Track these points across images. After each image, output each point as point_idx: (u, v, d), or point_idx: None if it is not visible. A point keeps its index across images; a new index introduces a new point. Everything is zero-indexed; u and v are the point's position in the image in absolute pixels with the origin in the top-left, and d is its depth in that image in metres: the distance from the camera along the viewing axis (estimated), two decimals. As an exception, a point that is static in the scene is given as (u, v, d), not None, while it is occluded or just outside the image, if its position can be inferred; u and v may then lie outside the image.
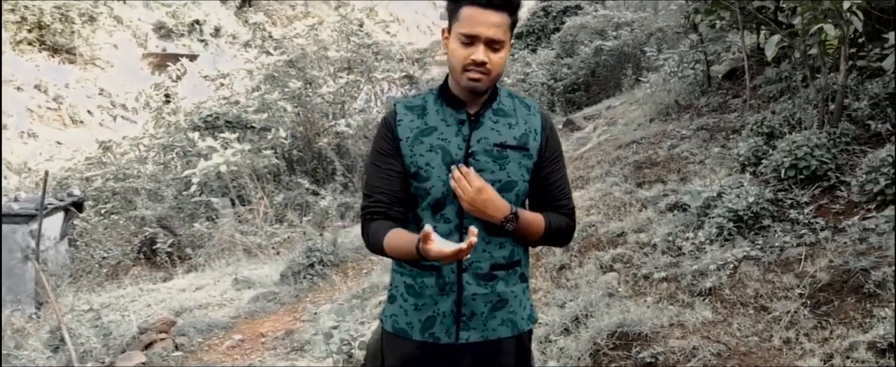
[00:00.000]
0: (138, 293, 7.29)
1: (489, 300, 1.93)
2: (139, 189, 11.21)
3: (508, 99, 1.97)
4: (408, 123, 1.90)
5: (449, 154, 1.87)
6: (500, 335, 1.96)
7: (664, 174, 6.14)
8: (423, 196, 1.89)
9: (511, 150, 1.90)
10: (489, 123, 1.90)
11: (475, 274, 1.91)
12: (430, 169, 1.87)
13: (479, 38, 1.78)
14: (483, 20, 1.78)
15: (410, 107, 1.94)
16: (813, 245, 4.02)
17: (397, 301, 1.99)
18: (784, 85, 7.08)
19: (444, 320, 1.93)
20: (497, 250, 1.91)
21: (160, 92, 12.88)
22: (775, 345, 3.22)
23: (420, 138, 1.88)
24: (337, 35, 12.46)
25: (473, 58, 1.79)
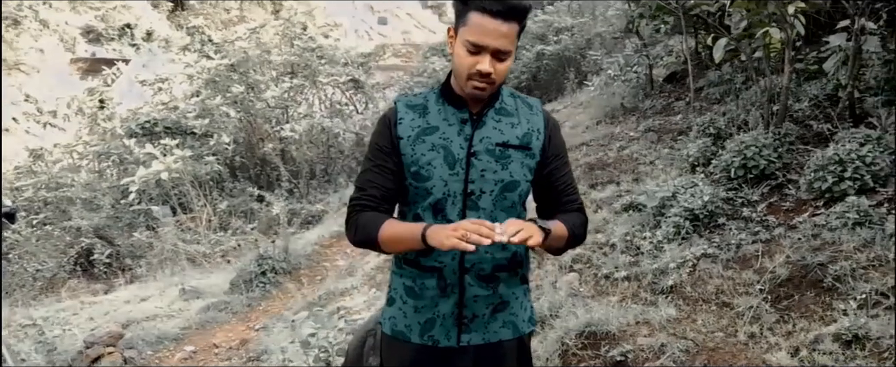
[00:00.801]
0: (79, 306, 6.99)
1: (491, 302, 1.90)
2: (74, 198, 10.79)
3: (511, 98, 1.94)
4: (409, 121, 1.87)
5: (451, 154, 1.83)
6: (502, 338, 1.93)
7: (617, 175, 6.23)
8: (424, 196, 1.85)
9: (513, 149, 1.87)
10: (491, 122, 1.87)
11: (477, 275, 1.87)
12: (432, 169, 1.83)
13: (486, 48, 1.74)
14: (492, 30, 1.73)
15: (411, 105, 1.90)
16: (768, 242, 4.13)
17: (396, 304, 1.95)
18: (726, 87, 7.28)
19: (445, 322, 1.89)
20: (499, 251, 1.88)
21: (94, 98, 12.42)
22: (741, 340, 3.28)
23: (422, 138, 1.84)
24: (280, 39, 12.27)
25: (479, 68, 1.75)
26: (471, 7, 1.75)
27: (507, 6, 1.72)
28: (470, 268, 1.86)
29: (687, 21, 7.57)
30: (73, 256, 9.76)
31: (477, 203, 1.84)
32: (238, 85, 10.79)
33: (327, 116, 11.86)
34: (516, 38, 1.78)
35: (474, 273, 1.87)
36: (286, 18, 12.62)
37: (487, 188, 1.84)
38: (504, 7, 1.72)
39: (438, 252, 1.83)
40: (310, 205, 10.16)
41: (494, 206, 1.85)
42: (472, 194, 1.84)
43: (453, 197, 1.83)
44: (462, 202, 1.83)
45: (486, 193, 1.84)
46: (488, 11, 1.72)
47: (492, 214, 1.84)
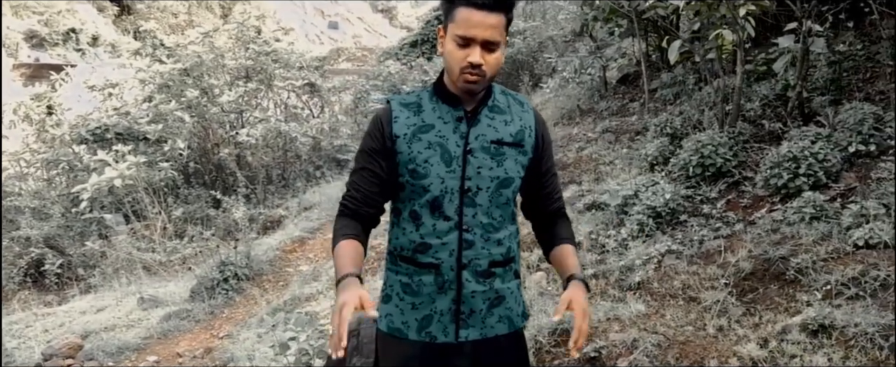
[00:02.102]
0: (33, 318, 6.80)
1: (487, 297, 1.93)
2: (22, 208, 10.47)
3: (502, 96, 1.97)
4: (404, 120, 1.89)
5: (448, 151, 1.86)
6: (498, 333, 1.96)
7: (578, 175, 6.33)
8: (421, 193, 1.87)
9: (507, 147, 1.90)
10: (486, 120, 1.90)
11: (474, 271, 1.90)
12: (429, 166, 1.85)
13: (474, 40, 1.77)
14: (479, 22, 1.76)
15: (405, 104, 1.92)
16: (730, 237, 4.26)
17: (393, 301, 1.96)
18: (679, 88, 7.46)
19: (442, 318, 1.91)
20: (495, 247, 1.91)
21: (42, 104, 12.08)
22: (710, 333, 3.38)
23: (418, 136, 1.87)
24: (234, 43, 12.12)
25: (470, 60, 1.78)
26: (457, 3, 1.79)
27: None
28: (467, 264, 1.89)
29: (640, 24, 7.74)
30: (23, 267, 9.48)
31: (473, 200, 1.87)
32: (192, 89, 10.61)
33: (283, 120, 11.75)
34: (504, 30, 1.81)
35: (472, 269, 1.90)
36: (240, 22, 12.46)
37: (484, 185, 1.87)
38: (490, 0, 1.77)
39: (436, 249, 1.87)
40: (268, 210, 10.05)
41: (490, 202, 1.89)
42: (469, 190, 1.87)
43: (450, 194, 1.86)
44: (459, 199, 1.87)
45: (482, 189, 1.88)
46: (474, 4, 1.76)
47: (488, 210, 1.89)
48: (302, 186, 11.03)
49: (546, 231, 2.08)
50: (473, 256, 1.89)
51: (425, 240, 1.89)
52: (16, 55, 24.75)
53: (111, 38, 27.60)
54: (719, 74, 6.11)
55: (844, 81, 5.77)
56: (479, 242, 1.89)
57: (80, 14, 27.16)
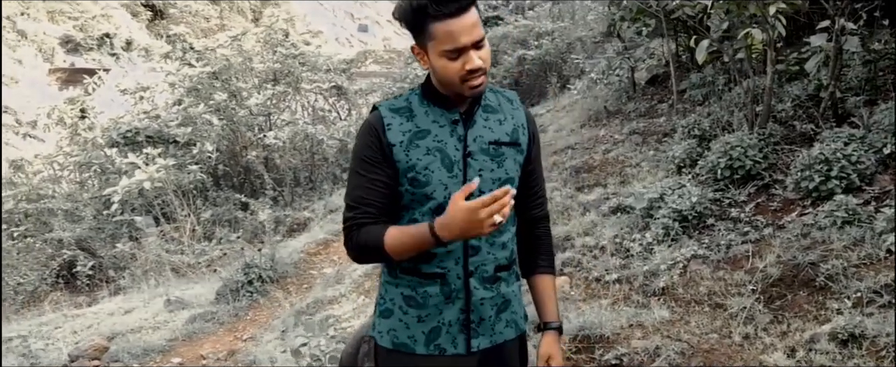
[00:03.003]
0: (62, 319, 6.90)
1: (495, 303, 1.87)
2: (55, 210, 10.65)
3: (491, 94, 1.90)
4: (397, 126, 1.80)
5: (448, 156, 1.79)
6: (506, 338, 1.91)
7: (603, 178, 6.24)
8: (423, 201, 1.80)
9: (506, 146, 1.85)
10: (481, 121, 1.84)
11: (481, 278, 1.84)
12: (430, 173, 1.78)
13: (465, 47, 1.70)
14: (460, 29, 1.68)
15: (396, 109, 1.83)
16: (758, 242, 4.15)
17: (395, 315, 1.87)
18: (708, 89, 7.33)
19: (451, 329, 1.84)
20: (500, 251, 1.85)
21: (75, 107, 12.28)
22: (736, 341, 3.28)
23: (415, 142, 1.78)
24: (261, 46, 12.20)
25: (469, 67, 1.71)
26: (428, 21, 1.69)
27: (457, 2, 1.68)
28: (474, 271, 1.83)
29: (668, 24, 7.62)
30: (56, 268, 9.64)
31: None
32: (220, 93, 10.70)
33: (310, 122, 11.80)
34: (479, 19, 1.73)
35: (479, 276, 1.83)
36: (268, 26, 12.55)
37: (486, 188, 1.80)
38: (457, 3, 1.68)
39: (441, 258, 1.80)
40: (295, 212, 10.09)
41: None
42: (472, 195, 1.80)
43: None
44: None
45: (485, 192, 1.76)
46: (448, 15, 1.67)
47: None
48: (328, 188, 11.07)
49: (527, 246, 2.01)
50: (480, 262, 1.83)
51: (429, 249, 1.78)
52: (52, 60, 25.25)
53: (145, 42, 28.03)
54: (749, 74, 5.97)
55: (879, 81, 5.60)
56: (485, 246, 1.83)
57: (115, 19, 27.63)
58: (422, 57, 1.78)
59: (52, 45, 25.57)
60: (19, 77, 23.73)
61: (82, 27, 26.60)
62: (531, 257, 2.01)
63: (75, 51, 26.21)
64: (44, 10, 26.24)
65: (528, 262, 2.01)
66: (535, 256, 2.01)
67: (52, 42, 25.65)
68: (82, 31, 26.51)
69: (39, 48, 25.15)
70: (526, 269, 2.01)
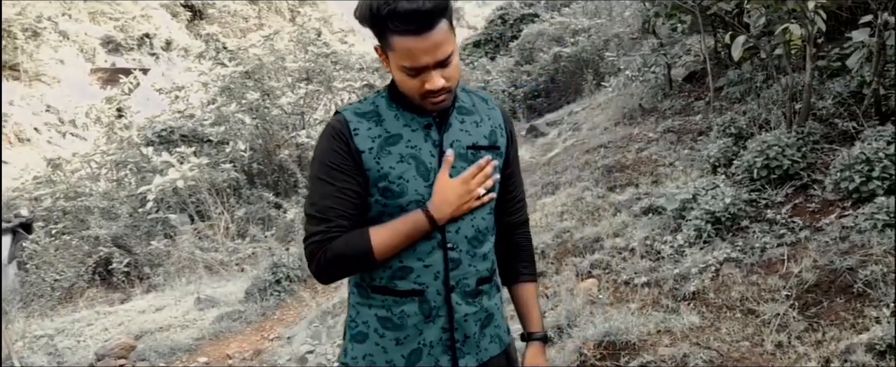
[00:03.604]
0: (95, 317, 6.97)
1: (479, 319, 1.73)
2: (92, 208, 10.82)
3: (465, 95, 1.76)
4: (365, 132, 1.63)
5: (423, 163, 1.64)
6: (492, 354, 1.77)
7: (635, 177, 6.09)
8: (397, 213, 1.63)
9: (484, 150, 1.71)
10: (457, 123, 1.69)
11: (463, 292, 1.70)
12: (405, 183, 1.62)
13: (426, 67, 1.54)
14: (422, 49, 1.52)
15: (362, 113, 1.66)
16: (794, 245, 3.98)
17: (371, 339, 1.70)
18: (747, 86, 7.12)
19: (433, 350, 1.69)
20: (481, 262, 1.72)
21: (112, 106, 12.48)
22: (768, 349, 3.14)
23: (386, 148, 1.62)
24: (294, 45, 12.24)
25: (429, 88, 1.56)
26: (388, 32, 1.53)
27: (421, 20, 1.50)
28: (455, 286, 1.68)
29: (704, 20, 7.42)
30: (92, 265, 9.79)
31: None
32: (253, 92, 10.77)
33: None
34: (450, 31, 1.56)
35: (460, 291, 1.69)
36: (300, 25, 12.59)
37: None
38: (420, 22, 1.50)
39: (418, 272, 1.65)
40: (326, 211, 10.09)
41: (473, 213, 1.69)
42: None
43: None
44: None
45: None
46: (409, 32, 1.51)
47: (472, 222, 1.70)
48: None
49: (507, 253, 1.88)
50: (461, 275, 1.69)
51: (405, 263, 1.64)
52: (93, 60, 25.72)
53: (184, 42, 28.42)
54: (787, 70, 5.77)
55: (925, 77, 5.36)
56: (466, 259, 1.68)
57: (155, 19, 28.06)
58: (383, 60, 1.63)
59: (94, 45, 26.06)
60: (62, 77, 24.22)
61: (123, 27, 27.06)
62: (512, 264, 1.87)
63: (116, 51, 26.68)
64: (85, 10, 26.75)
65: (509, 270, 1.88)
66: (516, 263, 1.87)
67: (93, 42, 26.14)
68: (123, 31, 26.97)
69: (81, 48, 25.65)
70: (506, 277, 1.88)
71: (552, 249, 5.11)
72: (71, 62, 25.05)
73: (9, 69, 23.35)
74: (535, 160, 8.45)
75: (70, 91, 23.37)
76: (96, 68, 25.46)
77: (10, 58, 23.32)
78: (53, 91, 23.59)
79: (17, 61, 23.41)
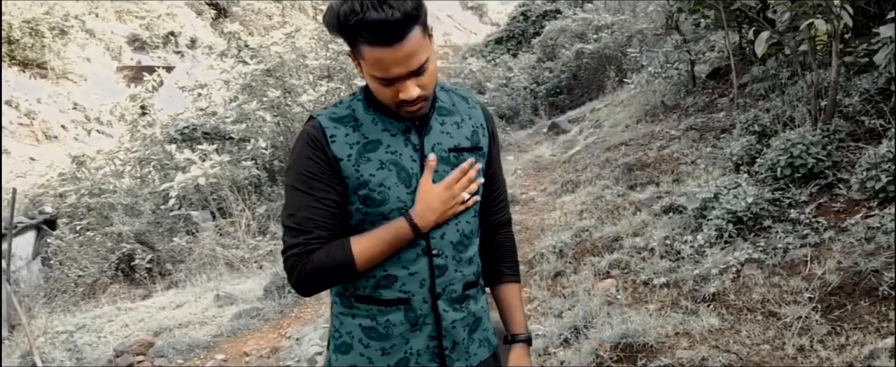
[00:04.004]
0: (115, 313, 7.02)
1: (467, 324, 1.70)
2: (115, 204, 10.93)
3: (444, 93, 1.70)
4: (343, 138, 1.57)
5: (404, 169, 1.58)
6: (481, 358, 1.74)
7: (656, 176, 6.01)
8: (378, 221, 1.58)
9: (467, 152, 1.66)
10: (437, 125, 1.64)
11: (450, 299, 1.65)
12: (386, 190, 1.57)
13: (398, 77, 1.49)
14: (392, 60, 1.46)
15: (338, 118, 1.59)
16: (818, 246, 3.88)
17: (355, 350, 1.65)
18: (772, 83, 6.99)
19: (420, 359, 1.65)
20: (467, 267, 1.68)
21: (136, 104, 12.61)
22: (789, 353, 3.06)
23: (365, 155, 1.57)
24: (315, 43, 12.26)
25: (403, 98, 1.51)
26: (358, 41, 1.47)
27: (391, 30, 1.43)
28: (442, 292, 1.64)
29: (728, 15, 7.30)
30: (115, 261, 9.88)
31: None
32: (274, 89, 10.80)
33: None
34: (423, 38, 1.49)
35: (447, 297, 1.65)
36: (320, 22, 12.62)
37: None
38: (390, 31, 1.43)
39: (403, 280, 1.61)
40: (346, 209, 10.11)
41: (459, 218, 1.65)
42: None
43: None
44: None
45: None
46: (379, 43, 1.44)
47: (458, 226, 1.65)
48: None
49: (490, 253, 1.83)
50: (447, 282, 1.64)
51: (389, 271, 1.60)
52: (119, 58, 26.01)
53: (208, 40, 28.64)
54: (812, 67, 5.65)
55: (957, 74, 5.21)
56: (452, 264, 1.64)
57: (180, 18, 28.30)
58: (357, 66, 1.58)
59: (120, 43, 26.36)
60: (88, 75, 24.52)
61: (148, 26, 27.34)
62: (495, 265, 1.83)
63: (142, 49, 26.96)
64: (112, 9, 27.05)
65: (492, 270, 1.83)
66: (499, 263, 1.83)
67: (119, 40, 26.44)
68: (148, 29, 27.25)
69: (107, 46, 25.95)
70: (489, 278, 1.84)
71: (570, 248, 5.05)
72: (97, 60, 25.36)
73: (36, 67, 23.70)
74: (555, 158, 8.38)
75: (96, 89, 23.64)
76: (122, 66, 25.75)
77: (38, 56, 23.66)
78: (80, 89, 23.89)
79: (45, 59, 23.75)
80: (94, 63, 25.07)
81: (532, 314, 4.32)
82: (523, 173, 8.15)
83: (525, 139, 10.66)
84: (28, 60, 23.49)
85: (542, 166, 8.32)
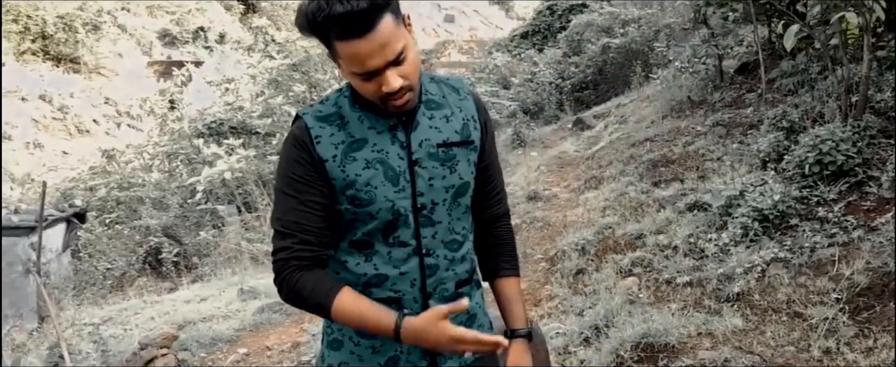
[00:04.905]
0: (142, 306, 7.12)
1: (459, 322, 1.65)
2: (144, 198, 11.08)
3: (434, 85, 1.65)
4: (328, 138, 1.55)
5: (391, 168, 1.56)
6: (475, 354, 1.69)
7: (681, 172, 5.93)
8: (367, 221, 1.57)
9: (457, 147, 1.62)
10: (425, 120, 1.60)
11: (442, 298, 1.64)
12: (373, 190, 1.55)
13: (376, 70, 1.46)
14: (367, 51, 1.43)
15: (323, 117, 1.57)
16: (846, 245, 3.80)
17: (346, 347, 1.65)
18: (801, 78, 6.86)
19: (410, 357, 1.64)
20: (460, 265, 1.66)
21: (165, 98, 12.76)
22: (814, 356, 2.99)
23: (350, 155, 1.55)
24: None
25: (385, 90, 1.47)
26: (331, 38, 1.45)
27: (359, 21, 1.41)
28: (433, 292, 1.62)
29: (757, 9, 7.18)
30: (142, 254, 10.01)
31: (430, 217, 1.60)
32: (300, 84, 10.86)
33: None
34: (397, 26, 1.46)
35: (439, 296, 1.63)
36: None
37: (439, 198, 1.60)
38: (359, 23, 1.41)
39: (394, 280, 1.60)
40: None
41: (450, 215, 1.62)
42: (423, 208, 1.59)
43: (404, 217, 1.58)
44: (414, 220, 1.59)
45: (438, 204, 1.61)
46: (349, 36, 1.42)
47: (449, 225, 1.63)
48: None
49: (487, 247, 1.79)
50: (438, 281, 1.62)
51: (380, 271, 1.59)
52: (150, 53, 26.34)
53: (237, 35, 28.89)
54: (843, 61, 5.53)
55: None
56: (443, 264, 1.62)
57: (209, 13, 28.58)
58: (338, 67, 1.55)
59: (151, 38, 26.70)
60: (119, 70, 24.87)
61: (179, 21, 27.65)
62: (493, 259, 1.79)
63: (172, 44, 27.29)
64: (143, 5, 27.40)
65: (490, 265, 1.80)
66: (497, 258, 1.79)
67: (150, 36, 26.78)
68: (178, 24, 27.56)
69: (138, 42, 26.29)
70: (487, 272, 1.81)
71: (593, 245, 5.00)
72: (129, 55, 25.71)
73: (69, 62, 24.08)
74: (579, 154, 8.32)
75: (127, 83, 23.98)
76: (152, 61, 26.09)
77: (72, 51, 24.05)
78: (111, 83, 24.24)
79: (78, 55, 24.12)
80: (126, 58, 25.42)
81: (552, 311, 4.29)
82: (547, 170, 8.10)
83: (549, 135, 10.59)
84: (62, 55, 23.89)
85: (565, 162, 8.25)
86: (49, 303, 6.53)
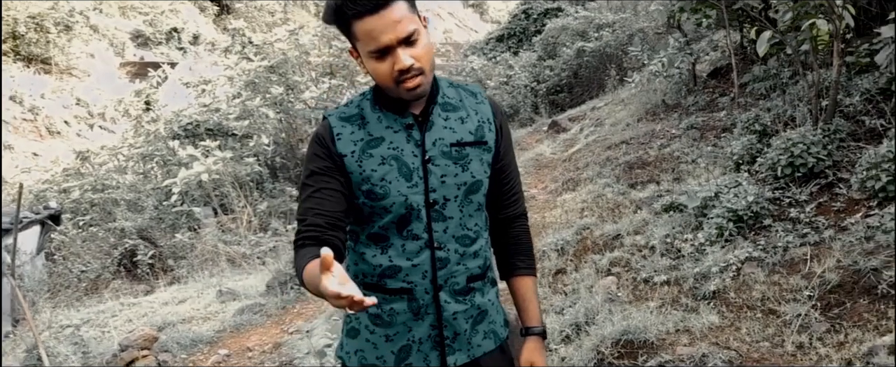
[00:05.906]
0: (119, 308, 7.07)
1: (470, 316, 1.74)
2: (118, 200, 10.98)
3: (452, 89, 1.75)
4: (348, 136, 1.66)
5: (405, 164, 1.65)
6: (485, 350, 1.78)
7: (657, 174, 6.04)
8: (382, 214, 1.67)
9: (470, 147, 1.70)
10: (440, 121, 1.69)
11: (452, 291, 1.71)
12: (387, 184, 1.65)
13: (390, 46, 1.55)
14: (382, 27, 1.54)
15: (346, 117, 1.68)
16: (818, 245, 3.92)
17: (362, 335, 1.75)
18: (773, 82, 7.01)
19: (422, 347, 1.72)
20: (472, 260, 1.73)
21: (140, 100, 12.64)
22: (788, 350, 3.09)
23: (368, 152, 1.65)
24: (318, 40, 12.29)
25: (398, 68, 1.56)
26: (348, 21, 1.57)
27: None
28: (444, 284, 1.70)
29: (730, 14, 7.32)
30: (117, 257, 9.92)
31: (442, 213, 1.68)
32: (277, 86, 10.84)
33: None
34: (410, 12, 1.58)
35: (449, 289, 1.71)
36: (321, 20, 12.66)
37: (451, 194, 1.68)
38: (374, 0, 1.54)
39: (406, 271, 1.68)
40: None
41: (461, 212, 1.70)
42: (436, 203, 1.67)
43: (416, 211, 1.67)
44: (426, 215, 1.68)
45: (450, 200, 1.69)
46: (362, 13, 1.54)
47: (461, 221, 1.70)
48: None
49: (504, 247, 1.88)
50: (449, 274, 1.70)
51: (394, 262, 1.68)
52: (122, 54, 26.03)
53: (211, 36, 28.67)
54: (814, 66, 5.67)
55: (957, 74, 5.24)
56: (454, 257, 1.70)
57: (182, 14, 28.31)
58: (359, 61, 1.66)
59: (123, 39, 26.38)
60: (92, 71, 24.54)
61: (152, 22, 27.35)
62: (509, 258, 1.88)
63: (145, 45, 26.99)
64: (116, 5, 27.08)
65: (506, 264, 1.88)
66: (514, 257, 1.88)
67: (123, 36, 26.46)
68: (152, 25, 27.27)
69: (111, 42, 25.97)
70: (504, 271, 1.89)
71: (572, 245, 5.08)
72: (101, 56, 25.38)
73: (40, 63, 23.72)
74: (556, 156, 8.41)
75: (100, 85, 23.66)
76: (125, 62, 25.78)
77: (43, 51, 23.68)
78: (83, 84, 23.90)
79: (49, 55, 23.77)
80: (98, 59, 25.09)
81: (533, 310, 4.35)
82: (524, 171, 8.18)
83: (525, 137, 10.69)
84: (33, 56, 23.53)
85: (542, 165, 8.35)
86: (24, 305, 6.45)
